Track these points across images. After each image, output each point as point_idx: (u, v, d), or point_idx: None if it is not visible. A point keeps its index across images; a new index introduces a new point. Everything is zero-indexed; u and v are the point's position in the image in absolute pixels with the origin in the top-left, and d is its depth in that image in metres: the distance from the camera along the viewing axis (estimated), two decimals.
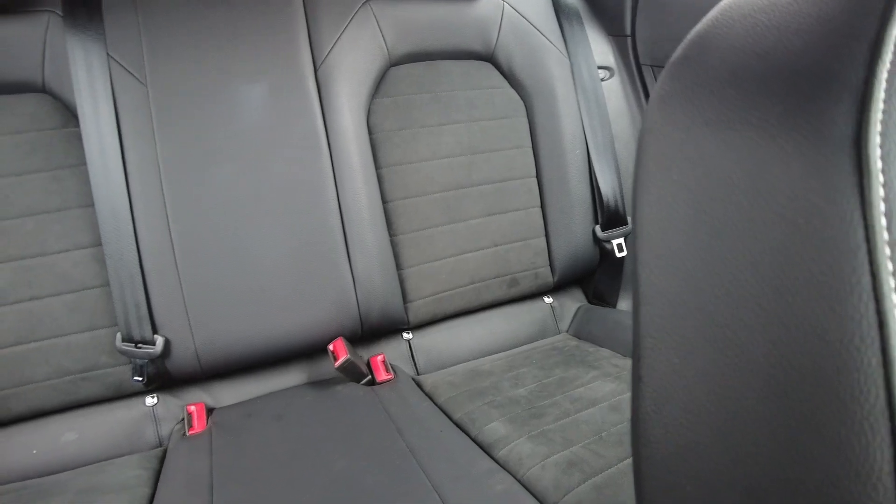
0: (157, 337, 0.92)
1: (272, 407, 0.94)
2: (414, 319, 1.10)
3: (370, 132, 1.08)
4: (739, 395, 0.28)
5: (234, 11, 0.99)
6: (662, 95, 0.33)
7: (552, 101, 1.18)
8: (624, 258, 1.23)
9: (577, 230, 1.20)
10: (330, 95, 1.04)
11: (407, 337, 1.12)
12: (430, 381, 1.03)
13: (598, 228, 1.22)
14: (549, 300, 1.25)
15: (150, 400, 0.96)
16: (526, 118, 1.21)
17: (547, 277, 1.21)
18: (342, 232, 1.02)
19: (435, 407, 0.94)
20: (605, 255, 1.24)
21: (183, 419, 0.94)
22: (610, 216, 1.22)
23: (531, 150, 1.21)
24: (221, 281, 0.95)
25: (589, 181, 1.21)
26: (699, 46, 0.33)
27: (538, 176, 1.20)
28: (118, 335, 0.91)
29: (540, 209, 1.21)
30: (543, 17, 1.22)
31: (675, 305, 0.32)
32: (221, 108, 0.97)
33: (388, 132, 1.10)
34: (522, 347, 1.15)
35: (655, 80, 1.16)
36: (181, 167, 0.94)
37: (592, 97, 1.22)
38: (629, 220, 1.23)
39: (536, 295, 1.25)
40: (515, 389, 0.96)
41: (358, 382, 1.00)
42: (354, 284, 1.02)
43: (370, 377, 1.01)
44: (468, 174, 1.14)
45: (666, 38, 1.22)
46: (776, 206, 0.26)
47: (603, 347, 1.10)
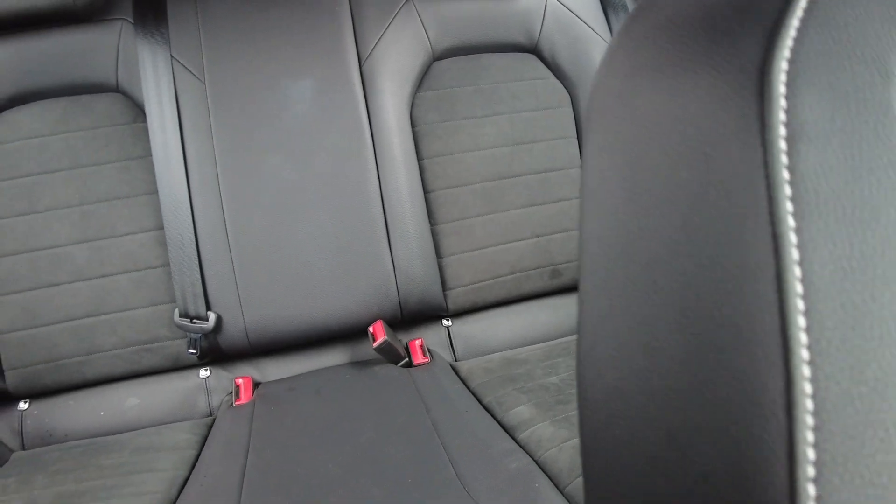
0: (210, 313, 0.99)
1: (313, 383, 0.99)
2: (453, 307, 1.13)
3: (413, 125, 1.12)
4: (657, 334, 0.28)
5: (284, 13, 1.06)
6: (610, 50, 0.34)
7: None
8: None
9: None
10: (374, 90, 1.08)
11: (446, 324, 1.15)
12: (465, 366, 1.05)
13: None
14: None
15: (203, 372, 1.04)
16: (571, 108, 1.20)
17: None
18: (384, 220, 1.06)
19: (466, 390, 0.96)
20: None
21: (231, 391, 1.01)
22: None
23: (576, 140, 1.20)
24: (270, 264, 1.01)
25: None
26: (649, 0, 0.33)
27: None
28: (176, 311, 0.99)
29: None
30: (588, 6, 1.22)
31: (606, 249, 0.33)
32: (272, 103, 1.04)
33: (430, 124, 1.13)
34: (563, 339, 1.15)
35: None
36: (235, 158, 1.01)
37: None
38: None
39: None
40: (548, 377, 0.96)
41: (395, 364, 1.04)
42: (394, 270, 1.06)
43: (407, 360, 1.05)
44: (510, 165, 1.15)
45: None
46: (690, 140, 0.27)
47: None
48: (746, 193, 0.24)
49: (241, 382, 1.00)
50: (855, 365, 0.20)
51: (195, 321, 0.99)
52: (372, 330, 1.02)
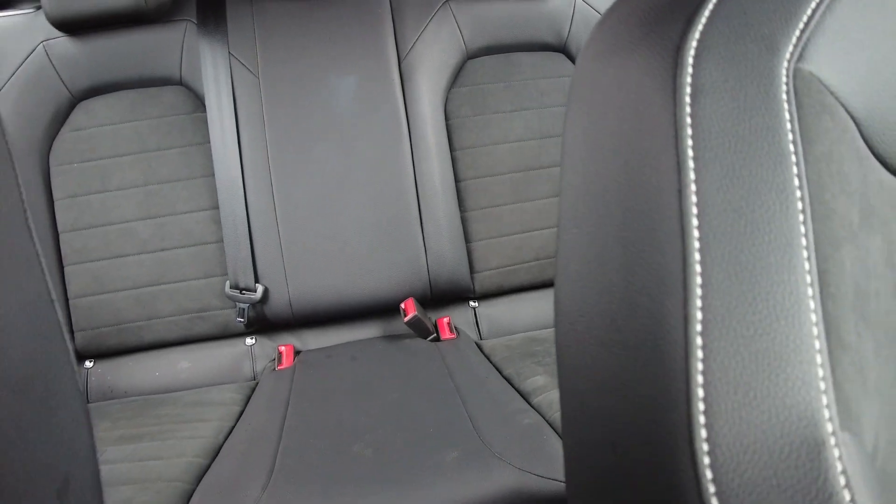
0: (258, 285, 1.09)
1: (348, 351, 1.08)
2: (480, 289, 1.20)
3: (447, 118, 1.20)
4: (604, 307, 0.32)
5: (331, 16, 1.16)
6: (588, 42, 0.41)
7: None
8: None
9: None
10: (412, 85, 1.17)
11: (473, 305, 1.22)
12: (489, 344, 1.12)
13: None
14: None
15: (249, 340, 1.14)
16: None
17: None
18: (417, 206, 1.14)
19: (488, 362, 1.03)
20: None
21: (274, 358, 1.10)
22: None
23: None
24: (313, 242, 1.11)
25: None
26: None
27: None
28: (227, 282, 1.09)
29: None
30: None
31: (575, 190, 0.39)
32: (319, 96, 1.14)
33: (463, 118, 1.21)
34: None
35: None
36: (285, 146, 1.12)
37: None
38: None
39: None
40: None
41: (424, 338, 1.11)
42: (426, 252, 1.14)
43: (435, 335, 1.12)
44: (537, 157, 1.22)
45: None
46: (630, 101, 0.33)
47: None
48: (662, 134, 0.30)
49: (283, 349, 1.10)
50: (733, 251, 0.27)
51: (244, 292, 1.08)
52: (403, 306, 1.10)
